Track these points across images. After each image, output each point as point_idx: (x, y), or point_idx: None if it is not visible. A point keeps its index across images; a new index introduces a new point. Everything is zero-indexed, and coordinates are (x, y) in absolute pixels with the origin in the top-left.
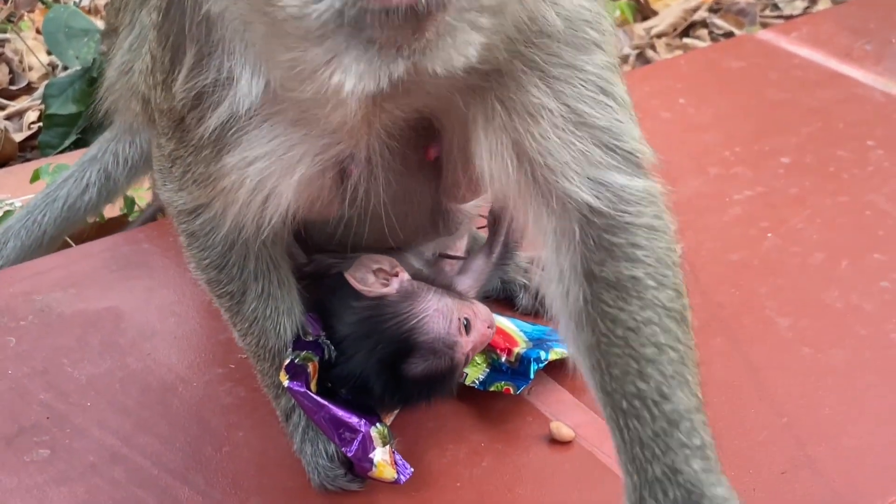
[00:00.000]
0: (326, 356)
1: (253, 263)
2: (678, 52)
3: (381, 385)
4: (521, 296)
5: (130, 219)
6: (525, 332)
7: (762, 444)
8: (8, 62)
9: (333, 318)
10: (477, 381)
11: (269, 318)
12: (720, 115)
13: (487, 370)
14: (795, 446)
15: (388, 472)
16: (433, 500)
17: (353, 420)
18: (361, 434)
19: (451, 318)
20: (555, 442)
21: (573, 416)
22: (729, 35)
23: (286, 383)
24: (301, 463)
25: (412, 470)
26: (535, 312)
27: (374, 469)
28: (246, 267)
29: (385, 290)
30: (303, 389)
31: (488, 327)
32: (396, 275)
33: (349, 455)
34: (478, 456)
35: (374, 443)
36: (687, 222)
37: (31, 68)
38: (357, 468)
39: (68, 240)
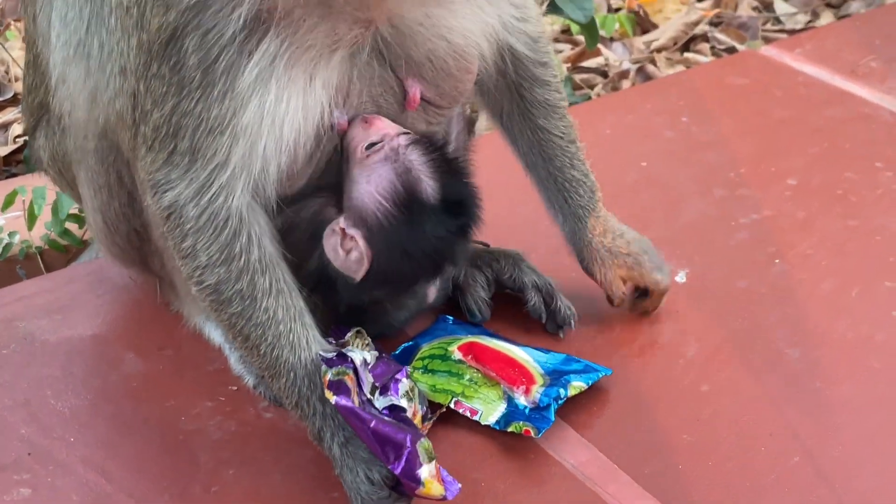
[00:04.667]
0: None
1: (256, 252)
2: (679, 67)
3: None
4: (532, 298)
5: None
6: (540, 363)
7: (772, 485)
8: None
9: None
10: (493, 421)
11: (281, 321)
12: (724, 134)
13: (505, 408)
14: (806, 488)
15: (437, 489)
16: None
17: (399, 436)
18: (408, 450)
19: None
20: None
21: (577, 453)
22: (731, 50)
23: (334, 400)
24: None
25: (459, 486)
26: (545, 317)
27: (421, 486)
28: (251, 256)
29: (358, 267)
30: (350, 405)
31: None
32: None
33: (396, 472)
34: (478, 497)
35: (421, 458)
36: (692, 247)
37: (17, 79)
38: (405, 486)
39: (41, 266)
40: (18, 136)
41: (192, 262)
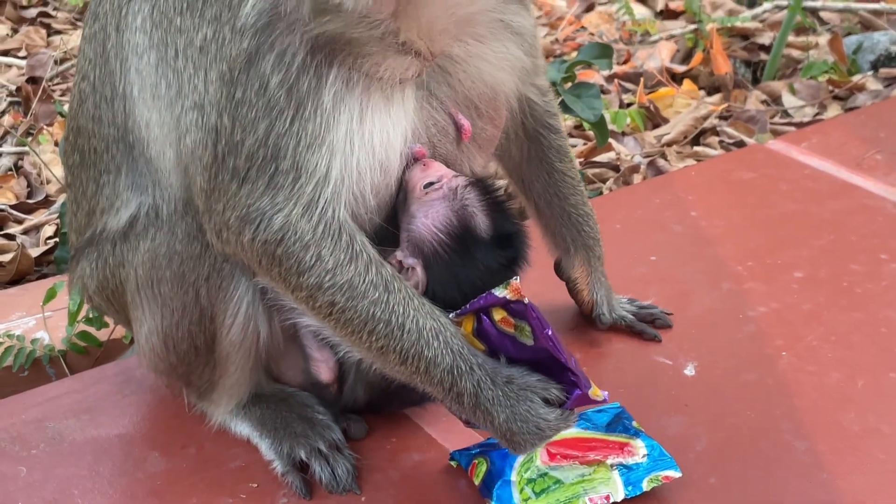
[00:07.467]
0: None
1: (371, 250)
2: (689, 161)
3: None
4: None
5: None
6: (602, 426)
7: None
8: (26, 176)
9: None
10: (626, 493)
11: (413, 298)
12: (732, 228)
13: (622, 476)
14: None
15: (599, 392)
16: None
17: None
18: (573, 357)
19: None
20: None
21: None
22: (739, 143)
23: (526, 300)
24: None
25: (607, 393)
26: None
27: (591, 387)
28: (369, 252)
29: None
30: (535, 309)
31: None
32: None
33: (576, 369)
34: None
35: None
36: (700, 340)
37: (48, 182)
38: (578, 391)
39: (65, 368)
40: (49, 238)
41: (320, 266)
